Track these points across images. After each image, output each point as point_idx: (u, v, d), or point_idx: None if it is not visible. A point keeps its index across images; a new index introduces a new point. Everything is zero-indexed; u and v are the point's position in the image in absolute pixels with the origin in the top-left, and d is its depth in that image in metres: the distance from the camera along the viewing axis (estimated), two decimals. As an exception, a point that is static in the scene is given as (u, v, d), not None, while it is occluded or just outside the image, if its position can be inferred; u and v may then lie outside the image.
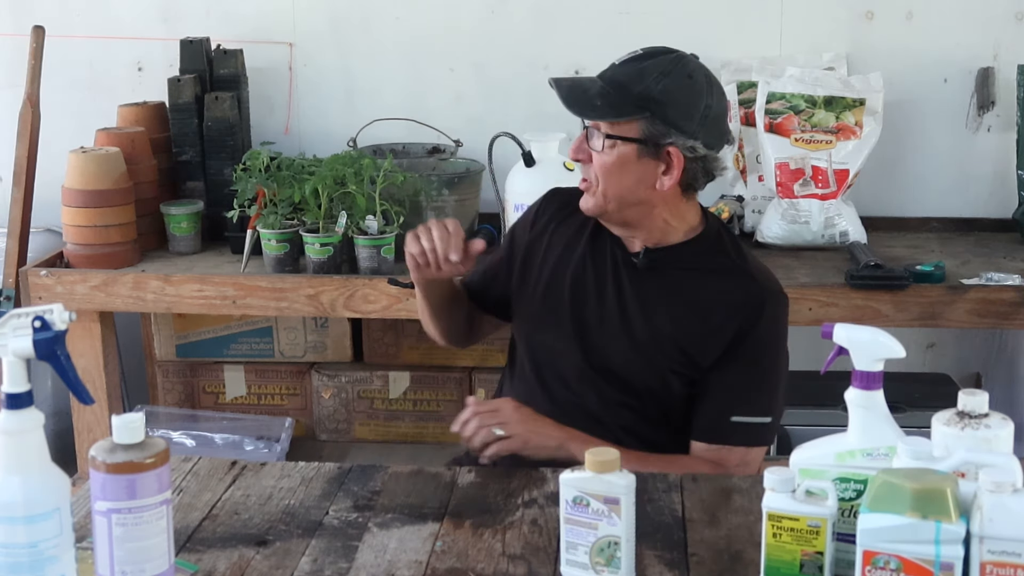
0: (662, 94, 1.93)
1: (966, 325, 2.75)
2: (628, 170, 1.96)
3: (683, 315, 2.00)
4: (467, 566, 1.56)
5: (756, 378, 2.00)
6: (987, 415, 1.43)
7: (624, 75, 1.95)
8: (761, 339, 1.98)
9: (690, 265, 2.02)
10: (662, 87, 1.93)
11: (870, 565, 1.31)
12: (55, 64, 3.23)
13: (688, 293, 2.01)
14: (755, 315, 1.97)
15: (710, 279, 2.01)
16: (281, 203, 2.89)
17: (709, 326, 1.98)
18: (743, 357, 1.97)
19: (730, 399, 1.99)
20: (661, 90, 1.93)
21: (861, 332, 1.47)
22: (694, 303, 2.00)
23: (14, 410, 1.32)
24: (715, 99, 1.96)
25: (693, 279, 2.01)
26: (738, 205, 3.16)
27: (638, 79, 1.94)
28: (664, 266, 2.03)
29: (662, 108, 1.93)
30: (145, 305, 2.94)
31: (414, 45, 3.38)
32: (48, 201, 3.12)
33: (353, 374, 3.27)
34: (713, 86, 1.97)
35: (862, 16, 3.27)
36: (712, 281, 2.01)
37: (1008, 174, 3.24)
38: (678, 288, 2.01)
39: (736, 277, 2.01)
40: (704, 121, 1.94)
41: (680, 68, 1.95)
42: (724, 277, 2.01)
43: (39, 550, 1.32)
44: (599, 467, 1.47)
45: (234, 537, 1.64)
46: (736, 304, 1.98)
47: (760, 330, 1.98)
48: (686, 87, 1.95)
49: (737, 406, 1.98)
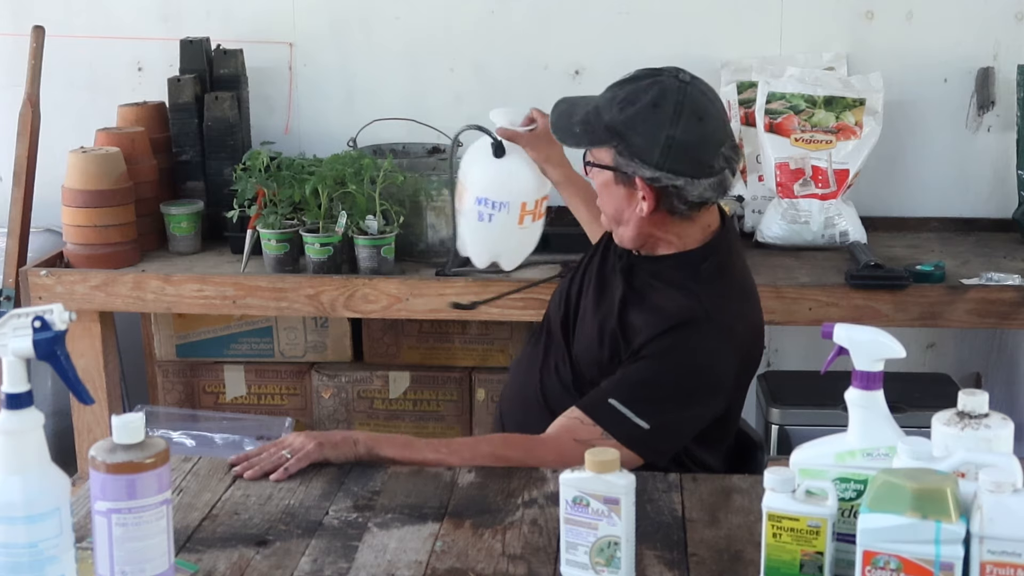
0: (623, 124, 1.92)
1: (966, 325, 2.75)
2: (611, 193, 1.99)
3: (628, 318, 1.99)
4: (467, 566, 1.56)
5: (652, 382, 1.92)
6: (987, 415, 1.43)
7: (604, 100, 1.96)
8: (676, 351, 1.92)
9: (658, 276, 2.01)
10: (625, 117, 1.92)
11: (870, 565, 1.31)
12: (55, 64, 3.23)
13: (643, 300, 1.99)
14: (680, 327, 1.92)
15: (664, 291, 1.98)
16: (281, 203, 2.89)
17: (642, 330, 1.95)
18: (651, 357, 1.92)
19: (618, 386, 1.92)
20: (623, 120, 1.92)
21: (861, 332, 1.47)
22: (640, 308, 1.98)
23: (14, 410, 1.32)
24: (680, 129, 1.89)
25: (654, 288, 1.99)
26: (738, 205, 3.16)
27: (608, 107, 1.94)
28: (639, 272, 2.04)
29: (624, 138, 1.92)
30: (145, 305, 2.94)
31: (414, 45, 3.38)
32: (48, 201, 3.12)
33: (353, 374, 3.27)
34: (681, 116, 1.89)
35: (862, 16, 3.27)
36: (664, 293, 1.98)
37: (1008, 174, 3.25)
38: (638, 295, 2.01)
39: (684, 295, 1.95)
40: (668, 152, 1.89)
41: (648, 96, 1.91)
42: (673, 291, 1.97)
43: (39, 550, 1.32)
44: (599, 467, 1.47)
45: (234, 537, 1.64)
46: (668, 313, 1.93)
47: (678, 342, 1.91)
48: (648, 117, 1.90)
49: (622, 395, 1.90)
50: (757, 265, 2.94)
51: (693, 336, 1.92)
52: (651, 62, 2.03)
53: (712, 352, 1.93)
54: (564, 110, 2.04)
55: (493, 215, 2.26)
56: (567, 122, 2.01)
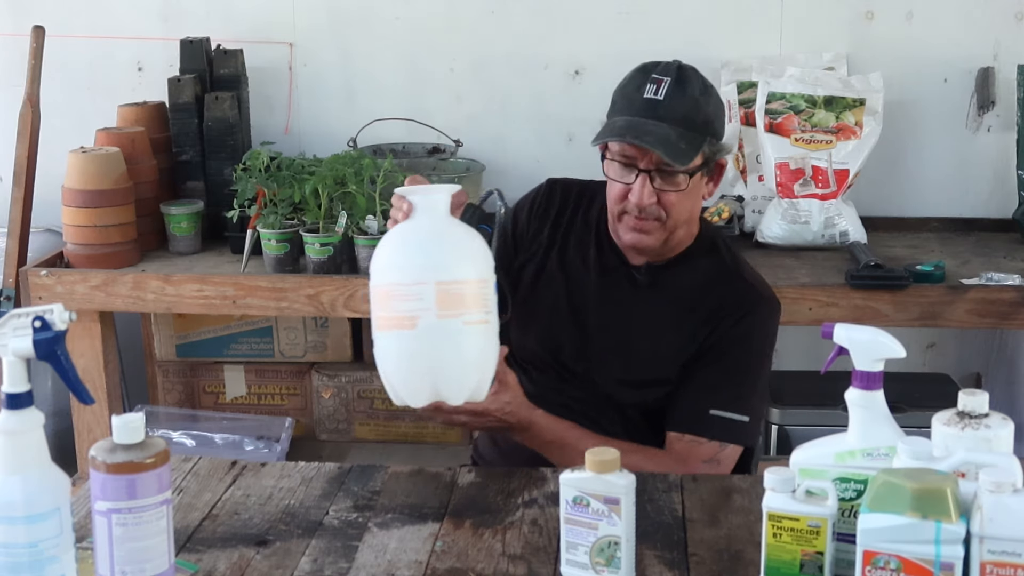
0: (713, 113, 1.95)
1: (966, 325, 2.75)
2: (694, 194, 1.97)
3: (682, 328, 2.00)
4: (467, 566, 1.56)
5: (739, 376, 1.99)
6: (987, 415, 1.43)
7: (681, 109, 1.91)
8: (748, 339, 1.99)
9: (687, 274, 2.03)
10: (712, 106, 1.95)
11: (870, 565, 1.31)
12: (55, 64, 3.23)
13: (685, 303, 2.01)
14: (746, 316, 1.98)
15: (705, 285, 2.01)
16: (281, 203, 2.89)
17: (701, 328, 1.98)
18: (728, 354, 1.97)
19: (711, 392, 1.97)
20: (712, 110, 1.95)
21: (861, 332, 1.47)
22: (690, 312, 2.00)
23: (14, 410, 1.32)
24: (716, 97, 1.99)
25: (690, 289, 2.02)
26: (738, 205, 3.16)
27: (694, 107, 1.92)
28: (664, 281, 2.03)
29: (714, 127, 1.95)
30: (145, 305, 2.94)
31: (414, 45, 3.38)
32: (48, 201, 3.12)
33: (353, 374, 3.27)
34: (709, 86, 1.99)
35: (862, 16, 3.27)
36: (707, 287, 2.01)
37: (1008, 174, 3.24)
38: (677, 300, 2.02)
39: (730, 281, 2.02)
40: (723, 123, 1.99)
41: (701, 79, 1.96)
42: (718, 281, 2.02)
43: (39, 550, 1.32)
44: (599, 467, 1.47)
45: (234, 537, 1.64)
46: (728, 305, 1.98)
47: (749, 330, 1.98)
48: (716, 97, 1.98)
49: (718, 400, 1.96)
50: (757, 265, 2.91)
51: (759, 320, 2.01)
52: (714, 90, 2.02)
53: (774, 325, 2.05)
54: (655, 140, 1.88)
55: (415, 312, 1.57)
56: (671, 145, 1.88)
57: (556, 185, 2.17)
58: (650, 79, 1.93)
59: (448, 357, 1.60)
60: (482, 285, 1.61)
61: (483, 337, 1.62)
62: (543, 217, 2.13)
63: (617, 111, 1.97)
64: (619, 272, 2.06)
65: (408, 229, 1.64)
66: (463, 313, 1.58)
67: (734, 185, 3.25)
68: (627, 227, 1.98)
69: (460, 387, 1.62)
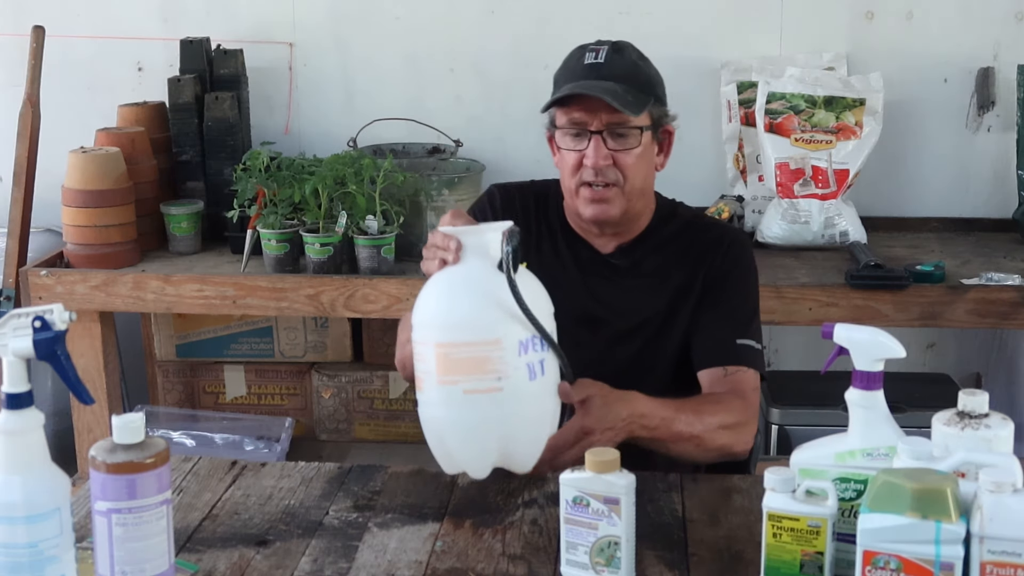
0: (655, 78, 1.99)
1: (966, 325, 2.75)
2: (647, 158, 1.99)
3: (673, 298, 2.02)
4: (467, 566, 1.56)
5: (744, 308, 2.04)
6: (987, 415, 1.42)
7: (621, 67, 1.95)
8: (739, 267, 2.05)
9: (660, 244, 2.05)
10: (652, 70, 1.98)
11: (870, 565, 1.31)
12: (55, 64, 3.23)
13: (669, 270, 2.03)
14: (729, 247, 2.04)
15: (680, 243, 2.04)
16: (281, 203, 2.89)
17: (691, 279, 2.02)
18: (729, 289, 2.02)
19: (731, 324, 2.01)
20: (652, 75, 1.98)
21: (861, 332, 1.47)
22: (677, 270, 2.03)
23: (14, 410, 1.32)
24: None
25: (667, 256, 2.04)
26: (738, 205, 3.16)
27: (634, 67, 1.96)
28: (640, 258, 2.05)
29: (657, 91, 1.98)
30: (145, 305, 2.94)
31: (414, 45, 3.38)
32: (48, 201, 3.12)
33: (353, 374, 3.27)
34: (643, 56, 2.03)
35: (862, 16, 3.27)
36: (682, 245, 2.04)
37: (1008, 174, 3.25)
38: (659, 269, 2.04)
39: (701, 228, 2.07)
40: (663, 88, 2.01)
41: (637, 50, 2.00)
42: (689, 233, 2.05)
43: (39, 550, 1.32)
44: (599, 467, 1.47)
45: (234, 537, 1.64)
46: (708, 246, 2.03)
47: (736, 259, 2.04)
48: (654, 67, 2.01)
49: (738, 329, 2.01)
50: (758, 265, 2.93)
51: (742, 253, 2.06)
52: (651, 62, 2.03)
53: (749, 252, 2.09)
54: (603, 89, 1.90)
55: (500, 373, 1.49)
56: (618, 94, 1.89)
57: (506, 190, 2.14)
58: (588, 49, 1.98)
59: (531, 419, 1.55)
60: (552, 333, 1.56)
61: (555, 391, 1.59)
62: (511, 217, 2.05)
63: (560, 85, 1.99)
64: (597, 262, 2.06)
65: (471, 278, 1.53)
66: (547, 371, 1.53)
67: (734, 185, 3.25)
68: (586, 201, 1.97)
69: (535, 450, 1.58)
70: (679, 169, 2.85)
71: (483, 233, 1.55)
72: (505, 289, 1.48)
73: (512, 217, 1.95)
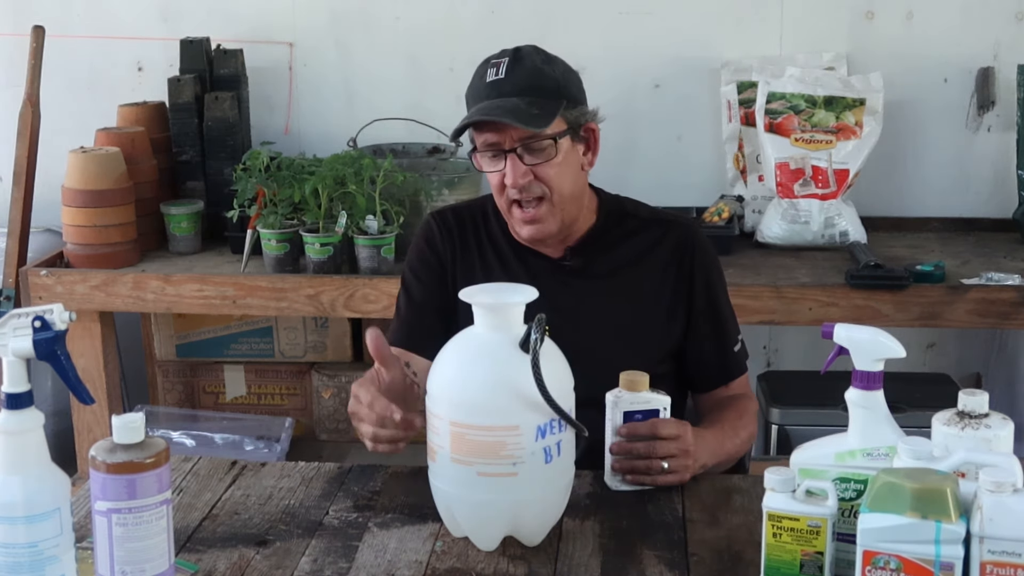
0: (563, 79, 1.94)
1: (966, 325, 2.75)
2: (570, 163, 1.94)
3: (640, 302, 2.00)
4: (467, 566, 1.56)
5: (727, 313, 2.06)
6: (987, 415, 1.43)
7: (524, 79, 1.90)
8: (716, 276, 2.06)
9: (613, 243, 2.03)
10: (559, 72, 1.94)
11: (870, 565, 1.31)
12: (55, 64, 3.23)
13: (628, 270, 2.01)
14: (698, 254, 2.02)
15: (638, 244, 2.02)
16: (281, 203, 2.89)
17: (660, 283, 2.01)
18: (712, 299, 2.03)
19: (723, 340, 2.05)
20: (560, 76, 1.93)
21: (861, 332, 1.47)
22: (637, 274, 2.01)
23: (14, 410, 1.32)
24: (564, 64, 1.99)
25: (624, 254, 2.02)
26: (738, 205, 3.16)
27: (538, 75, 1.91)
28: (593, 258, 2.02)
29: (568, 91, 1.93)
30: (145, 305, 2.94)
31: (414, 45, 3.38)
32: (48, 201, 3.12)
33: (353, 374, 3.26)
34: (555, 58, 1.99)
35: (862, 16, 3.27)
36: (639, 247, 2.02)
37: (1008, 174, 3.24)
38: (617, 271, 2.01)
39: (658, 227, 2.04)
40: (581, 87, 1.98)
41: (543, 52, 1.96)
42: (648, 233, 2.03)
43: (39, 550, 1.32)
44: (635, 386, 1.72)
45: (234, 537, 1.64)
46: (673, 249, 2.01)
47: (702, 260, 2.03)
48: (564, 65, 1.97)
49: (729, 342, 2.05)
50: (758, 265, 2.94)
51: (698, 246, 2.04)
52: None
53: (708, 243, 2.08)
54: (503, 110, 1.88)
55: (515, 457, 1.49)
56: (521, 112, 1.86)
57: (442, 216, 2.10)
58: (489, 65, 1.95)
59: (544, 500, 1.55)
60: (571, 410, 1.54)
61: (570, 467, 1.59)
62: (453, 245, 2.05)
63: (468, 107, 1.97)
64: (548, 268, 2.01)
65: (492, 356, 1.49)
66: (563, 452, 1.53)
67: (734, 185, 3.25)
68: (520, 221, 1.95)
69: (545, 527, 1.59)
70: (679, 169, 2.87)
71: (505, 305, 1.51)
72: (527, 371, 1.46)
73: (452, 240, 2.03)
